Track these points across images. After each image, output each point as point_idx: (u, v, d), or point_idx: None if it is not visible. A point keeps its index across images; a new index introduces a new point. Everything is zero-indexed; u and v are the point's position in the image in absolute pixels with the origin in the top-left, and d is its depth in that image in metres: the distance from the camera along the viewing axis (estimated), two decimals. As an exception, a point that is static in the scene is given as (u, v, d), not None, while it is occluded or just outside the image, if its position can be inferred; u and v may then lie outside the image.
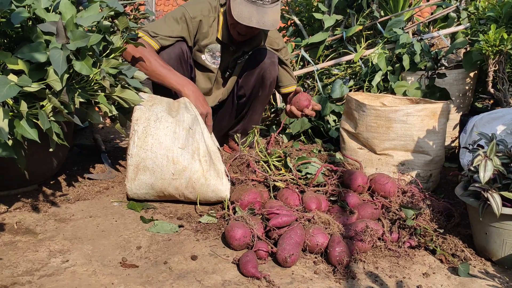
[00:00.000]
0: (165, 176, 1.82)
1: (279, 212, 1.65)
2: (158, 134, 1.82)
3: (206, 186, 1.84)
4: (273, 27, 2.23)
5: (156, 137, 1.81)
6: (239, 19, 2.17)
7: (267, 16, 2.20)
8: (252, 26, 2.18)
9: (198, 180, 1.83)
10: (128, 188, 1.87)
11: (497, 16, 2.34)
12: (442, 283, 1.48)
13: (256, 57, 2.45)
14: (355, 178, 1.87)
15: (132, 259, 1.56)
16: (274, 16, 2.23)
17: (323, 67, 2.98)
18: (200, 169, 1.83)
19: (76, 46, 1.65)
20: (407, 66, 2.60)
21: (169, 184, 1.84)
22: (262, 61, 2.43)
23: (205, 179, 1.83)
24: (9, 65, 1.61)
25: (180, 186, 1.84)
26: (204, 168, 1.83)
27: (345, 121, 2.29)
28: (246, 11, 2.17)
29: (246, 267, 1.45)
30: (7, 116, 1.52)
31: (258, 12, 2.18)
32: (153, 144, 1.80)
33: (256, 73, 2.44)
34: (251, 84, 2.47)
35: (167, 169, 1.81)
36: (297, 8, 3.63)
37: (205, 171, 1.83)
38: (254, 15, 2.17)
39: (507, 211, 1.48)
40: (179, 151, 1.80)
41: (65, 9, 1.75)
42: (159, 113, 1.87)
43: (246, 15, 2.17)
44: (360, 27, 3.02)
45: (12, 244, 1.64)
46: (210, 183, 1.84)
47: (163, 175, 1.82)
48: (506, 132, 1.89)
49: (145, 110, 1.87)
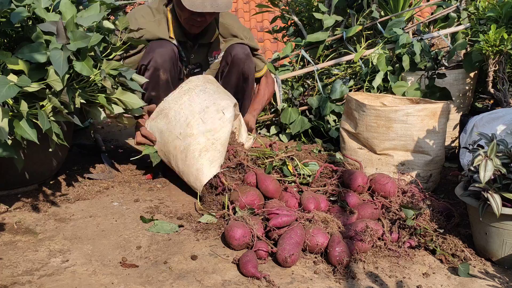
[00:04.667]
0: (174, 131, 1.97)
1: (279, 212, 1.65)
2: (194, 99, 2.00)
3: (195, 161, 1.90)
4: (227, 8, 2.19)
5: (191, 100, 2.00)
6: (192, 8, 2.13)
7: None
8: (207, 11, 2.16)
9: (194, 152, 1.90)
10: (147, 125, 2.09)
11: (497, 16, 2.34)
12: (442, 283, 1.48)
13: (230, 54, 2.42)
14: (355, 178, 1.87)
15: (132, 259, 1.56)
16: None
17: (323, 67, 2.98)
18: (203, 144, 1.91)
19: (77, 46, 1.65)
20: (407, 66, 2.60)
21: (172, 140, 1.96)
22: (238, 58, 2.39)
23: (199, 155, 1.89)
24: (9, 65, 1.61)
25: (178, 147, 1.94)
26: (206, 146, 1.90)
27: (345, 121, 2.29)
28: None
29: (246, 267, 1.45)
30: (7, 116, 1.52)
31: None
32: (185, 102, 2.00)
33: (235, 71, 2.41)
34: (234, 83, 2.44)
35: (179, 127, 1.96)
36: (297, 8, 3.63)
37: (204, 150, 1.90)
38: (206, 0, 2.15)
39: (507, 211, 1.48)
40: (199, 120, 1.93)
41: (65, 9, 1.75)
42: (207, 88, 2.06)
43: (199, 2, 2.14)
44: (360, 27, 3.01)
45: (12, 244, 1.64)
46: (200, 162, 1.89)
47: (173, 129, 1.98)
48: (506, 132, 1.89)
49: (200, 79, 2.08)
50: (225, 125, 1.96)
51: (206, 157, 1.91)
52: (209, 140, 1.92)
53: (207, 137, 1.93)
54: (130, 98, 1.96)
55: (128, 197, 2.08)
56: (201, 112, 1.96)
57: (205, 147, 1.92)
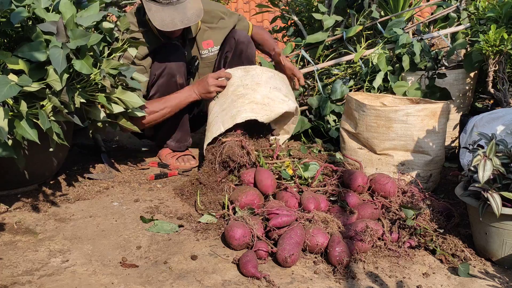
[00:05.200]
0: (244, 81, 2.23)
1: (279, 212, 1.65)
2: (275, 78, 2.29)
3: (241, 105, 2.15)
4: (198, 18, 2.18)
5: (273, 77, 2.29)
6: (163, 28, 2.13)
7: (188, 10, 2.16)
8: (178, 28, 2.15)
9: (245, 99, 2.17)
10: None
11: (497, 16, 2.34)
12: (442, 283, 1.48)
13: (233, 39, 2.49)
14: (355, 178, 1.87)
15: (132, 259, 1.56)
16: (195, 6, 2.19)
17: (323, 67, 2.98)
18: (257, 100, 2.16)
19: (76, 44, 1.66)
20: (407, 66, 2.60)
21: (237, 85, 2.23)
22: (241, 41, 2.48)
23: (248, 103, 2.15)
24: (9, 64, 1.61)
25: (237, 91, 2.21)
26: (257, 102, 2.16)
27: (345, 121, 2.29)
28: (166, 16, 2.12)
29: (246, 267, 1.45)
30: (7, 116, 1.52)
31: (177, 11, 2.14)
32: (267, 73, 2.28)
33: (240, 55, 2.50)
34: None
35: (250, 80, 2.23)
36: (297, 8, 3.62)
37: (254, 103, 2.15)
38: (176, 16, 2.13)
39: (507, 211, 1.48)
40: (268, 88, 2.21)
41: (65, 8, 1.75)
42: (288, 87, 2.40)
43: (168, 20, 2.12)
44: (360, 27, 3.01)
45: (12, 244, 1.64)
46: (244, 107, 2.14)
47: (244, 79, 2.24)
48: (506, 132, 1.89)
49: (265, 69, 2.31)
50: (283, 105, 2.18)
51: (251, 107, 2.12)
52: (264, 101, 2.15)
53: (263, 98, 2.16)
54: (130, 97, 1.96)
55: (128, 197, 2.08)
56: (273, 87, 2.22)
57: (256, 102, 2.14)
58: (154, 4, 2.13)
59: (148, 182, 2.27)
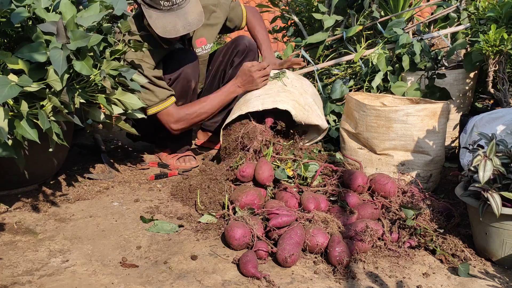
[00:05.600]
0: (301, 87, 2.40)
1: (279, 212, 1.65)
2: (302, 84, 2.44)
3: (290, 94, 2.31)
4: (200, 22, 2.16)
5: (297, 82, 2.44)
6: (165, 35, 2.10)
7: (189, 14, 2.13)
8: (181, 34, 2.13)
9: (295, 93, 2.33)
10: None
11: (497, 16, 2.34)
12: (442, 283, 1.48)
13: (239, 44, 2.56)
14: (355, 178, 1.87)
15: (132, 259, 1.56)
16: (195, 10, 2.16)
17: (323, 67, 2.98)
18: (301, 101, 2.30)
19: (77, 46, 1.65)
20: (407, 66, 2.60)
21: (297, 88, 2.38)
22: (250, 49, 2.56)
23: (299, 95, 2.32)
24: (9, 65, 1.61)
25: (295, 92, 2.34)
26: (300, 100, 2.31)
27: (345, 121, 2.29)
28: (167, 23, 2.09)
29: (246, 267, 1.45)
30: (7, 116, 1.52)
31: (179, 16, 2.11)
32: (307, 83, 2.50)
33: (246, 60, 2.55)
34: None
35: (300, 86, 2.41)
36: (297, 8, 3.62)
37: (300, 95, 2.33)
38: (177, 22, 2.10)
39: (507, 211, 1.48)
40: (307, 95, 2.38)
41: (65, 9, 1.75)
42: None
43: (170, 27, 2.10)
44: (360, 27, 3.01)
45: (12, 244, 1.64)
46: (290, 98, 2.27)
47: (301, 86, 2.41)
48: (506, 132, 1.89)
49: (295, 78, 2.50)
50: (318, 119, 2.30)
51: (293, 104, 2.22)
52: (305, 107, 2.28)
53: (305, 104, 2.29)
54: (130, 98, 1.96)
55: (128, 197, 2.08)
56: (315, 101, 2.40)
57: (299, 103, 2.26)
58: (154, 11, 2.10)
59: (148, 182, 2.28)
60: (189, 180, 2.13)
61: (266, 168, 1.92)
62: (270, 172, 1.91)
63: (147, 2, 2.09)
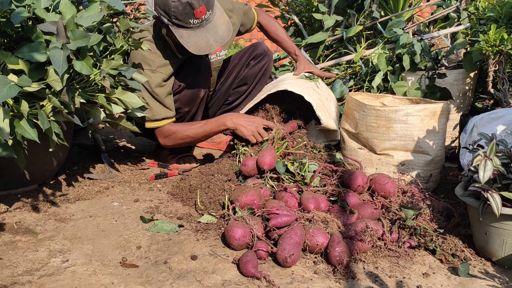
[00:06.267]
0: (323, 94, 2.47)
1: (279, 212, 1.65)
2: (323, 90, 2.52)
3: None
4: (229, 32, 2.15)
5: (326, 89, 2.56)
6: (199, 52, 2.10)
7: (218, 27, 2.12)
8: (214, 49, 2.12)
9: (322, 99, 2.40)
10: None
11: (497, 16, 2.34)
12: (442, 283, 1.48)
13: (256, 49, 2.62)
14: (355, 178, 1.87)
15: (132, 259, 1.56)
16: (223, 21, 2.15)
17: (323, 67, 2.98)
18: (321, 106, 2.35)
19: (77, 45, 1.65)
20: (407, 66, 2.60)
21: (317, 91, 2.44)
22: (268, 58, 2.64)
23: (322, 103, 2.37)
24: (9, 65, 1.61)
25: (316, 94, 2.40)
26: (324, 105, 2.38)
27: (345, 121, 2.29)
28: (200, 40, 2.08)
29: (246, 267, 1.45)
30: (7, 116, 1.52)
31: (209, 31, 2.09)
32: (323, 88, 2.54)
33: (260, 65, 2.63)
34: (257, 72, 2.66)
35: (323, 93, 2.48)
36: (297, 8, 3.62)
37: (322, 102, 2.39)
38: (209, 37, 2.09)
39: (507, 211, 1.48)
40: (325, 99, 2.44)
41: (65, 9, 1.75)
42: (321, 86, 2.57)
43: (203, 43, 2.08)
44: (360, 27, 3.01)
45: (12, 244, 1.64)
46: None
47: (323, 92, 2.49)
48: (506, 132, 1.89)
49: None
50: (334, 126, 2.33)
51: (317, 102, 2.29)
52: (327, 110, 2.34)
53: (328, 108, 2.36)
54: (130, 98, 1.96)
55: (128, 197, 2.08)
56: (336, 111, 2.46)
57: (322, 102, 2.34)
58: (184, 30, 2.07)
59: (148, 182, 2.28)
60: (189, 180, 2.13)
61: (270, 153, 1.97)
62: (272, 159, 1.95)
63: (176, 23, 2.07)
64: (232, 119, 2.21)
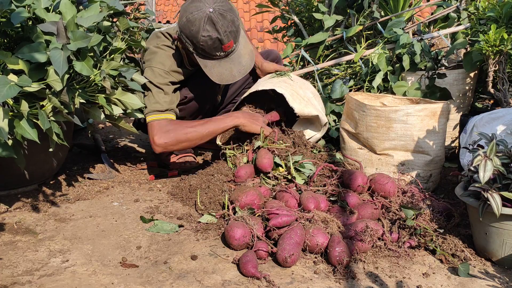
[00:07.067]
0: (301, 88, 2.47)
1: (279, 212, 1.65)
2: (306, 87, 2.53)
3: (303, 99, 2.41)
4: (252, 62, 2.15)
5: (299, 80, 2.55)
6: (222, 82, 2.09)
7: (242, 57, 2.12)
8: (237, 80, 2.12)
9: (299, 93, 2.38)
10: None
11: (497, 16, 2.34)
12: (442, 283, 1.48)
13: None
14: (355, 178, 1.87)
15: (132, 259, 1.56)
16: (246, 51, 2.15)
17: (323, 67, 2.98)
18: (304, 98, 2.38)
19: (77, 46, 1.65)
20: (407, 66, 2.60)
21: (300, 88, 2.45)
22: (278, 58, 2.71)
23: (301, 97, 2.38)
24: (9, 65, 1.61)
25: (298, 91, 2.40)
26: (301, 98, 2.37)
27: (345, 121, 2.29)
28: (223, 70, 2.08)
29: (246, 267, 1.45)
30: (7, 116, 1.52)
31: (233, 62, 2.09)
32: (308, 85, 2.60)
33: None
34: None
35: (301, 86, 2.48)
36: (297, 8, 3.62)
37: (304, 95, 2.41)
38: (233, 68, 2.09)
39: (507, 211, 1.48)
40: (310, 94, 2.47)
41: (65, 9, 1.75)
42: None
43: (226, 74, 2.08)
44: (360, 27, 3.01)
45: (12, 244, 1.64)
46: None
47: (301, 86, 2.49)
48: (506, 132, 1.89)
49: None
50: (315, 111, 2.32)
51: (291, 92, 2.29)
52: (304, 98, 2.34)
53: (304, 96, 2.35)
54: (130, 98, 1.96)
55: (128, 197, 2.08)
56: (314, 98, 2.47)
57: (297, 93, 2.33)
58: (209, 60, 2.07)
59: (148, 182, 2.28)
60: (189, 180, 2.13)
61: (266, 155, 2.01)
62: (270, 160, 2.00)
63: (201, 54, 2.06)
64: (238, 117, 2.20)
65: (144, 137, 3.05)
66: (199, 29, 1.98)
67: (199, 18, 1.98)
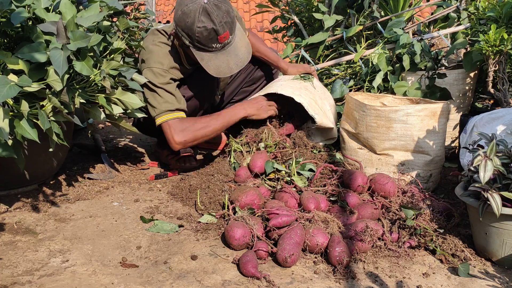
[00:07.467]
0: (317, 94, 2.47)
1: (279, 212, 1.65)
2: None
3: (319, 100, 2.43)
4: (249, 54, 2.13)
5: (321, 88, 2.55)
6: (219, 75, 2.09)
7: (239, 49, 2.10)
8: (234, 72, 2.11)
9: (318, 101, 2.40)
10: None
11: (497, 16, 2.34)
12: (442, 283, 1.48)
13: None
14: (355, 178, 1.87)
15: (132, 259, 1.56)
16: (243, 43, 2.13)
17: (323, 67, 2.98)
18: (318, 104, 2.38)
19: (77, 46, 1.65)
20: (407, 66, 2.60)
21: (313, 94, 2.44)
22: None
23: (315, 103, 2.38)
24: (9, 65, 1.61)
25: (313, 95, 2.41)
26: (317, 105, 2.37)
27: (345, 121, 2.29)
28: (220, 63, 2.06)
29: (246, 267, 1.45)
30: (7, 116, 1.52)
31: (230, 54, 2.07)
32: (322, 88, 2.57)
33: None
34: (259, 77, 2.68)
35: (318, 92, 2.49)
36: (297, 8, 3.62)
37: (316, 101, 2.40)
38: (230, 60, 2.07)
39: (507, 211, 1.48)
40: (324, 99, 2.46)
41: (65, 9, 1.75)
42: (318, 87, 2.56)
43: (223, 66, 2.07)
44: (361, 27, 3.01)
45: (12, 244, 1.64)
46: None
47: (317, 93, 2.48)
48: (506, 132, 1.89)
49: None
50: (330, 124, 2.34)
51: (309, 102, 2.29)
52: (321, 108, 2.35)
53: (322, 107, 2.37)
54: (130, 98, 1.96)
55: (128, 197, 2.08)
56: (332, 111, 2.47)
57: (316, 102, 2.34)
58: (206, 53, 2.06)
59: (148, 182, 2.28)
60: (189, 180, 2.13)
61: (260, 157, 2.04)
62: (263, 162, 2.01)
63: (197, 46, 2.05)
64: (245, 108, 2.23)
65: (144, 137, 3.05)
66: (194, 20, 1.98)
67: (194, 10, 1.97)
